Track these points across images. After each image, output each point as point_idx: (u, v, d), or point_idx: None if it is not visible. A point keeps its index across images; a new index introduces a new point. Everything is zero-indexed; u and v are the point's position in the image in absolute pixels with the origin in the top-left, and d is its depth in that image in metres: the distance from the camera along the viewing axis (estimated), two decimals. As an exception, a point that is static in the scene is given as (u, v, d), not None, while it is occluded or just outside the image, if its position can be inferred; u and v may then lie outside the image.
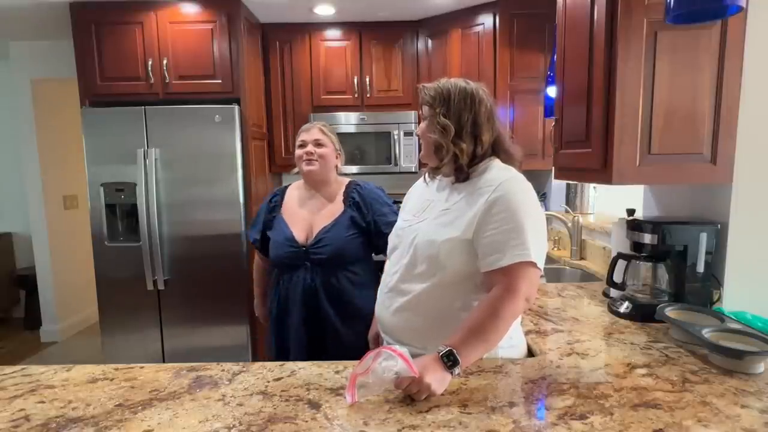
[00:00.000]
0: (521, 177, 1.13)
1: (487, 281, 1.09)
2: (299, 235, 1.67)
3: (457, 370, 0.97)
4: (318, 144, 1.70)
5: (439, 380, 0.95)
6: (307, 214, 1.72)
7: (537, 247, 1.05)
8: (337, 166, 1.76)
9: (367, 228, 1.67)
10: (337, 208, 1.70)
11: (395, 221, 1.35)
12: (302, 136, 1.72)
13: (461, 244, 1.09)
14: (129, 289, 2.79)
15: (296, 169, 1.76)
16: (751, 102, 1.31)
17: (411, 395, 0.95)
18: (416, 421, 0.88)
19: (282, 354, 1.69)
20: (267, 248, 1.76)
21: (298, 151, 1.71)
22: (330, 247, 1.63)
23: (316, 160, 1.68)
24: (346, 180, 1.79)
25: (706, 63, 1.29)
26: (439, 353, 0.98)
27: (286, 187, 1.82)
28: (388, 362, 0.93)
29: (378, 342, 1.38)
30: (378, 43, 3.28)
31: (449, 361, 0.97)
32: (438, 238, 1.11)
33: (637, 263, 1.52)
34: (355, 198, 1.71)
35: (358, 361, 0.98)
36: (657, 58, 1.29)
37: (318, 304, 1.63)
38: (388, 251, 1.31)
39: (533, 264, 1.04)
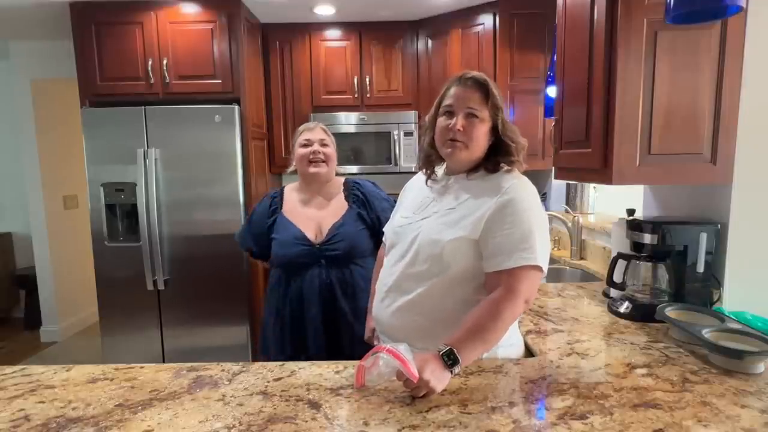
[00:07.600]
0: (527, 180, 1.15)
1: (490, 282, 1.09)
2: (309, 233, 1.66)
3: (456, 369, 0.98)
4: (323, 144, 1.69)
5: (438, 378, 0.95)
6: (312, 214, 1.70)
7: (543, 251, 1.06)
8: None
9: (372, 224, 1.68)
10: (341, 205, 1.70)
11: None
12: (306, 135, 1.69)
13: (467, 244, 1.10)
14: (129, 289, 2.79)
15: (291, 169, 1.74)
16: (751, 102, 1.31)
17: (411, 393, 0.95)
18: (416, 421, 0.88)
19: (297, 354, 1.63)
20: (264, 253, 1.74)
21: (302, 151, 1.67)
22: (344, 242, 1.63)
23: (324, 162, 1.68)
24: (341, 178, 1.79)
25: (706, 63, 1.29)
26: (439, 352, 0.98)
27: (284, 189, 1.78)
28: (390, 367, 0.94)
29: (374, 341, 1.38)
30: (378, 43, 3.28)
31: (449, 360, 0.97)
32: (443, 238, 1.11)
33: (637, 263, 1.52)
34: (358, 195, 1.72)
35: (363, 357, 0.99)
36: (657, 58, 1.29)
37: (334, 300, 1.63)
38: (386, 249, 1.30)
39: (538, 268, 1.05)
